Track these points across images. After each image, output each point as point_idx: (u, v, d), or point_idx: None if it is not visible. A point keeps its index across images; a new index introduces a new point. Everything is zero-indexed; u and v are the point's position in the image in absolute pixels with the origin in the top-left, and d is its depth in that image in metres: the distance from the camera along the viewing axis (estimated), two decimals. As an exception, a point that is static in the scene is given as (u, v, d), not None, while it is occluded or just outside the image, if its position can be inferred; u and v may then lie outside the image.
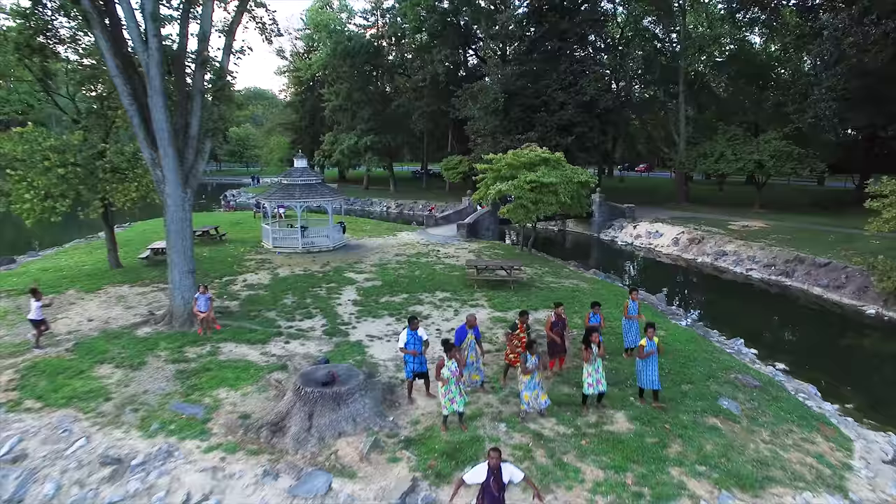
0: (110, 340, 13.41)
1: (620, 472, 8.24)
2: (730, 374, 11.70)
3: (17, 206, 17.34)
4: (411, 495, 7.80)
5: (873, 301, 18.83)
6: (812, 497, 7.91)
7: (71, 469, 8.78)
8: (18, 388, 11.06)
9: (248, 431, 9.44)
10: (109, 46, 12.93)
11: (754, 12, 40.50)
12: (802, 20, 35.35)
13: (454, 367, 8.86)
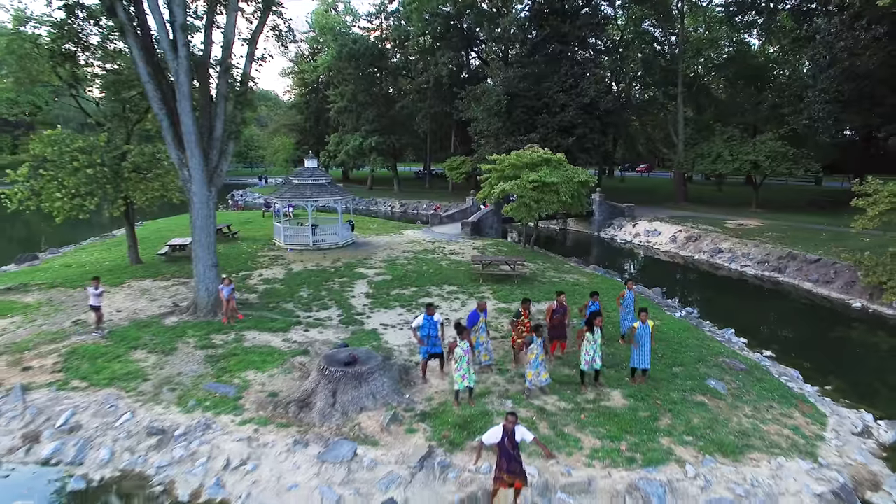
0: (140, 329, 14.37)
1: (615, 441, 9.18)
2: (718, 359, 12.64)
3: (47, 204, 18.32)
4: (428, 460, 8.75)
5: (859, 295, 19.75)
6: (785, 461, 8.86)
7: (121, 438, 9.76)
8: (64, 370, 12.04)
9: (278, 407, 10.39)
10: (142, 55, 13.90)
11: (752, 16, 41.48)
12: (797, 24, 36.27)
13: (466, 348, 9.82)
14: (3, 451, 9.61)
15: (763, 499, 8.06)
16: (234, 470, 8.88)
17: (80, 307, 16.45)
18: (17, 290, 18.16)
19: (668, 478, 8.36)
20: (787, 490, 8.28)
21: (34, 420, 10.31)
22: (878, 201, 17.79)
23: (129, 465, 9.21)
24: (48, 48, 16.72)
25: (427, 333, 10.81)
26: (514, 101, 39.64)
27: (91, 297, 13.82)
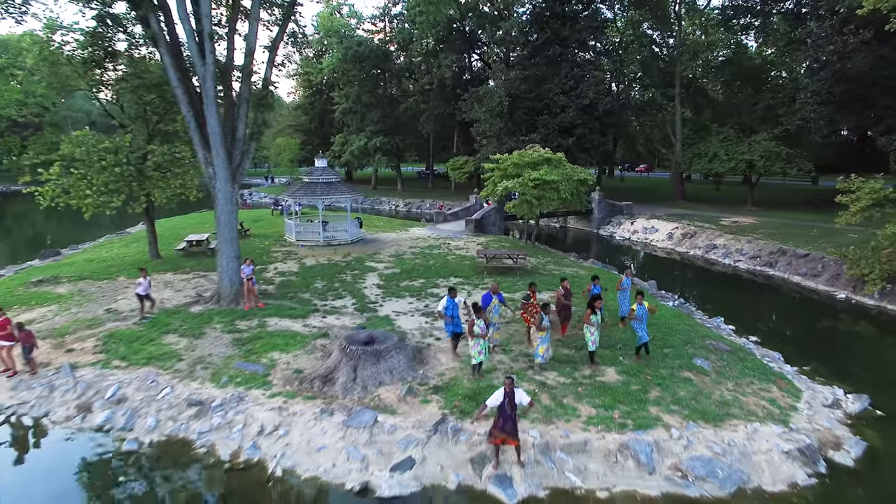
0: (170, 316, 15.46)
1: (609, 409, 10.25)
2: (705, 341, 13.70)
3: (76, 201, 19.41)
4: (442, 425, 9.82)
5: (844, 287, 20.79)
6: (760, 426, 9.93)
7: (164, 409, 10.85)
8: (104, 352, 13.14)
9: (303, 383, 11.48)
10: (171, 62, 15.00)
11: (748, 19, 42.53)
12: (790, 28, 37.29)
13: (483, 325, 10.92)
14: (62, 419, 10.73)
15: (737, 456, 9.13)
16: (267, 435, 9.97)
17: (110, 297, 17.60)
18: (48, 282, 19.27)
19: (655, 439, 9.43)
20: (760, 449, 9.35)
21: (85, 393, 11.42)
22: (860, 197, 18.85)
23: (173, 431, 10.31)
24: (81, 55, 17.80)
25: (451, 314, 11.94)
26: (516, 102, 40.71)
27: (139, 287, 14.96)
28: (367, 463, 9.10)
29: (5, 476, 9.25)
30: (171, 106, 21.54)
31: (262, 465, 9.29)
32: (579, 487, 8.65)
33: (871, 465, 9.37)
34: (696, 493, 8.52)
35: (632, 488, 8.64)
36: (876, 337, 17.15)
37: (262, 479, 8.96)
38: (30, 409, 11.16)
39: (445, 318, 12.19)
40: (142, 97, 21.01)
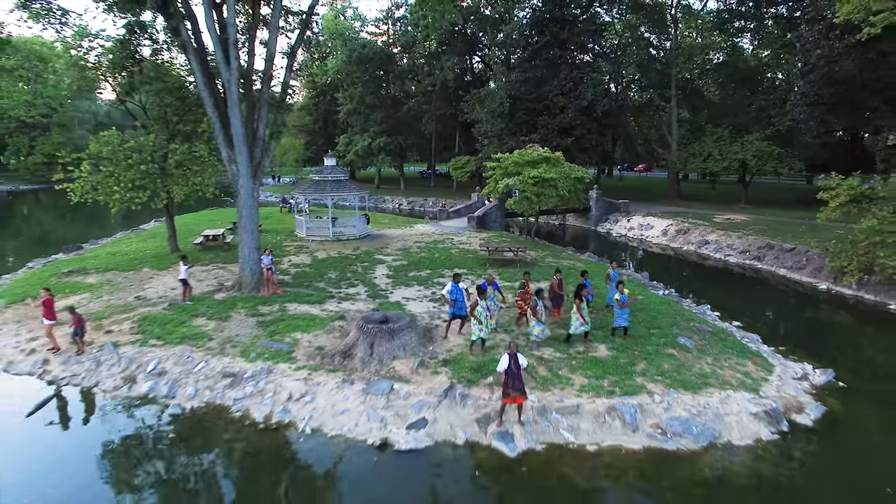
0: (196, 302, 16.72)
1: (599, 379, 11.50)
2: (690, 324, 14.95)
3: (103, 197, 20.68)
4: (450, 391, 11.08)
5: (826, 278, 22.03)
6: (733, 393, 11.19)
7: (201, 380, 12.12)
8: (140, 333, 14.42)
9: (325, 358, 12.74)
10: (199, 67, 16.27)
11: (742, 22, 43.83)
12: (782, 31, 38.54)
13: (484, 306, 12.18)
14: (111, 389, 12.01)
15: (711, 416, 10.39)
16: (296, 401, 11.23)
17: (137, 286, 18.87)
18: (77, 273, 20.53)
19: (639, 402, 10.69)
20: (731, 411, 10.61)
21: (129, 367, 12.70)
22: (839, 194, 20.09)
23: (211, 399, 11.58)
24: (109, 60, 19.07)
25: (454, 298, 13.20)
26: (517, 103, 41.96)
27: (182, 272, 16.35)
28: (386, 423, 10.36)
29: (72, 433, 10.53)
30: (189, 108, 22.86)
31: (293, 425, 10.55)
32: (572, 442, 9.90)
33: (827, 426, 10.63)
34: (673, 447, 9.78)
35: (617, 443, 9.89)
36: (850, 323, 18.40)
37: (294, 437, 10.22)
38: (81, 380, 12.44)
39: (449, 302, 13.44)
40: (163, 99, 22.26)
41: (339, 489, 8.90)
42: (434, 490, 8.90)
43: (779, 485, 8.94)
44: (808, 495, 8.78)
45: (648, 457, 9.56)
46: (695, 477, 9.11)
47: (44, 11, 15.80)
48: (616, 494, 8.78)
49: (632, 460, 9.48)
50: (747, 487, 8.88)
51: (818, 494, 8.83)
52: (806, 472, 9.34)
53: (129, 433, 10.45)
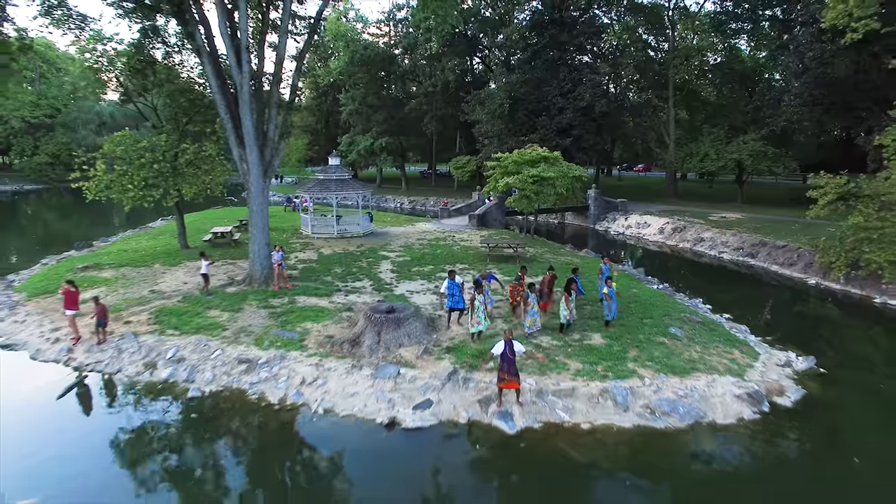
0: (209, 295, 17.44)
1: (594, 365, 12.23)
2: (681, 315, 15.69)
3: (117, 195, 21.43)
4: (454, 376, 11.81)
5: (815, 274, 22.76)
6: (718, 377, 11.93)
7: (218, 366, 12.86)
8: (157, 323, 15.13)
9: (334, 345, 13.46)
10: (212, 70, 17.01)
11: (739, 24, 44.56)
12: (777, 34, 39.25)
13: (482, 299, 12.91)
14: (133, 374, 12.75)
15: (697, 398, 11.13)
16: (308, 384, 11.96)
17: (151, 281, 19.58)
18: (92, 268, 21.25)
19: (631, 385, 11.43)
20: (716, 394, 11.35)
21: (149, 354, 13.44)
22: (827, 192, 20.84)
23: (228, 383, 12.31)
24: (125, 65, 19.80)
25: (451, 292, 13.92)
26: (516, 104, 42.68)
27: (203, 267, 17.22)
28: (394, 404, 11.10)
29: (99, 414, 11.27)
30: (198, 109, 23.55)
31: (307, 406, 11.29)
32: (567, 421, 10.63)
33: (805, 406, 11.37)
34: (661, 425, 10.51)
35: (610, 422, 10.62)
36: (835, 315, 19.14)
37: (308, 417, 10.95)
38: (105, 366, 13.17)
39: (442, 298, 14.14)
40: (174, 100, 22.99)
41: (351, 462, 9.62)
42: (439, 463, 9.62)
43: (756, 457, 9.67)
44: (783, 466, 9.50)
45: (638, 434, 10.29)
46: (680, 451, 9.84)
47: (64, 18, 16.51)
48: (607, 466, 9.49)
49: (622, 437, 10.22)
50: (727, 460, 9.61)
51: (792, 465, 9.56)
52: (782, 446, 10.08)
53: (153, 414, 11.19)
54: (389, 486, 9.00)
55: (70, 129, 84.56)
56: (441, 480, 9.24)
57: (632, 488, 8.92)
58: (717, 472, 9.37)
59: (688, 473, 9.37)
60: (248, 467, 9.64)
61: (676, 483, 9.15)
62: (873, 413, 11.66)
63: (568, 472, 9.32)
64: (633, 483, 9.02)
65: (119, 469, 9.40)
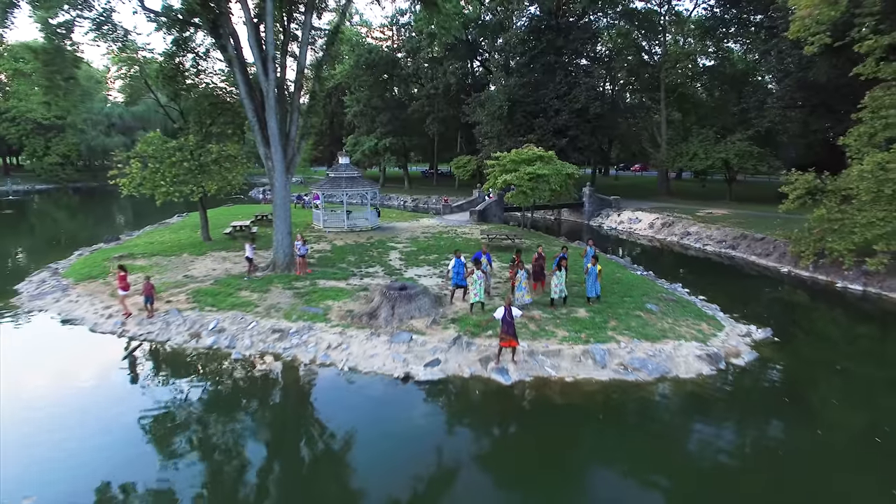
0: (237, 279, 19.50)
1: (578, 332, 14.26)
2: (659, 294, 17.73)
3: (148, 190, 23.46)
4: (458, 340, 13.85)
5: (788, 263, 24.80)
6: (684, 343, 13.97)
7: (255, 335, 14.90)
8: (195, 302, 17.17)
9: (354, 318, 15.51)
10: (242, 78, 19.07)
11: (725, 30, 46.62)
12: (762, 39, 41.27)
13: (479, 274, 14.98)
14: (181, 342, 14.80)
15: (664, 358, 13.18)
16: (334, 349, 14.01)
17: (182, 268, 21.62)
18: (127, 257, 23.29)
19: (608, 348, 13.47)
20: (680, 355, 13.39)
21: (193, 326, 15.49)
22: (797, 188, 22.88)
23: (264, 348, 14.35)
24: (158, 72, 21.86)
25: (456, 270, 16.00)
26: (515, 106, 44.75)
27: (248, 251, 19.35)
28: (408, 362, 13.14)
29: (160, 374, 13.32)
30: (221, 112, 25.59)
31: (334, 365, 13.33)
32: (554, 376, 12.67)
33: (756, 365, 13.42)
34: (632, 378, 12.55)
35: (589, 376, 12.65)
36: (800, 298, 21.19)
37: (335, 373, 13.00)
38: (155, 336, 15.22)
39: (446, 276, 16.23)
40: (199, 104, 25.03)
41: (373, 406, 11.64)
42: (446, 407, 11.66)
43: (707, 400, 11.71)
44: (729, 406, 11.54)
45: (612, 385, 12.32)
46: (646, 397, 11.88)
47: (110, 32, 18.53)
48: (585, 408, 11.52)
49: (599, 387, 12.25)
50: (684, 403, 11.65)
51: (736, 405, 11.60)
52: (730, 392, 12.12)
53: (204, 372, 13.24)
54: (405, 424, 10.98)
55: (80, 130, 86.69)
56: (447, 420, 11.25)
57: (604, 422, 10.96)
58: (674, 412, 11.41)
59: (651, 412, 11.40)
60: (291, 409, 11.68)
61: (640, 419, 11.17)
62: (809, 369, 13.72)
63: (552, 413, 11.34)
64: (605, 418, 11.06)
65: (180, 414, 11.44)
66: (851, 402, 12.22)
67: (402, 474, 9.18)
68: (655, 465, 9.51)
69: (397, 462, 9.57)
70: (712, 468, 9.52)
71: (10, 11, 14.96)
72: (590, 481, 9.33)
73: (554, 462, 9.66)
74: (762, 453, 9.88)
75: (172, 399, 11.85)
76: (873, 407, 12.00)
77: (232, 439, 10.34)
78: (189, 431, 10.56)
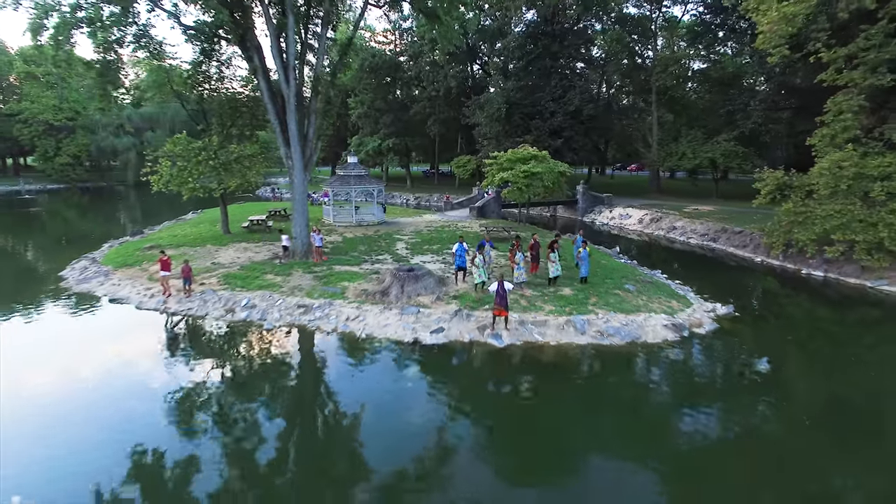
0: (262, 265, 21.73)
1: (564, 307, 16.48)
2: (637, 277, 19.96)
3: (175, 187, 25.70)
4: (459, 313, 16.07)
5: (762, 253, 27.02)
6: (654, 315, 16.20)
7: (282, 309, 17.14)
8: (227, 284, 19.41)
9: (368, 296, 17.73)
10: (265, 85, 21.32)
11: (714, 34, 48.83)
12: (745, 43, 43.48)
13: (481, 259, 17.23)
14: (217, 317, 17.05)
15: (635, 327, 15.40)
16: (352, 320, 16.24)
17: (209, 256, 23.80)
18: (156, 248, 25.48)
19: (588, 318, 15.70)
20: (650, 324, 15.62)
21: (227, 303, 17.73)
22: (768, 184, 25.10)
23: (291, 320, 16.59)
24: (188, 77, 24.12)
25: (459, 253, 18.26)
26: (512, 108, 47.00)
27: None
28: (416, 330, 15.37)
29: (201, 342, 15.56)
30: (240, 115, 27.84)
31: (353, 333, 15.56)
32: (541, 341, 14.89)
33: (714, 334, 15.67)
34: (607, 343, 14.77)
35: (571, 341, 14.87)
36: (767, 283, 23.40)
37: (353, 339, 15.23)
38: (195, 312, 17.46)
39: (456, 257, 18.50)
40: (221, 107, 27.28)
41: (388, 364, 13.86)
42: (449, 365, 13.88)
43: (668, 358, 13.94)
44: (685, 363, 13.77)
45: (590, 348, 14.55)
46: (617, 358, 14.10)
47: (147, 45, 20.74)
48: (565, 366, 13.74)
49: (578, 350, 14.47)
50: (648, 361, 13.88)
51: (691, 363, 13.83)
52: (691, 355, 14.35)
53: (242, 339, 15.49)
54: (415, 378, 13.20)
55: (90, 130, 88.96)
56: (450, 375, 13.46)
57: (580, 376, 13.19)
58: (639, 368, 13.64)
59: (619, 368, 13.62)
60: (321, 365, 13.92)
61: (610, 373, 13.38)
62: (760, 338, 15.91)
63: (538, 369, 13.56)
64: (581, 373, 13.29)
65: (237, 365, 13.67)
66: (791, 363, 14.45)
67: (414, 412, 11.41)
68: (619, 406, 11.76)
69: (411, 403, 11.80)
70: (664, 405, 11.76)
71: (72, 32, 17.18)
72: (564, 418, 11.53)
73: (537, 406, 11.89)
74: (704, 393, 12.11)
75: (219, 359, 14.09)
76: (805, 365, 14.23)
77: (279, 385, 12.58)
78: (243, 379, 12.80)
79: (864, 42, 22.04)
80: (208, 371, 13.26)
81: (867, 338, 16.71)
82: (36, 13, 16.57)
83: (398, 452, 9.79)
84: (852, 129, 22.54)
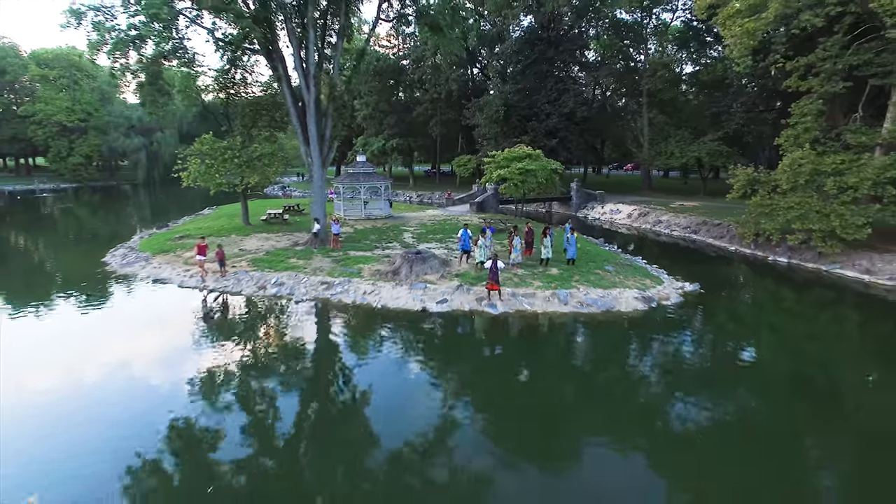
0: (283, 251, 24.40)
1: (550, 283, 19.15)
2: (617, 261, 22.62)
3: (203, 182, 28.37)
4: (460, 287, 18.74)
5: (736, 243, 29.66)
6: (628, 290, 18.86)
7: (308, 286, 19.81)
8: (255, 266, 22.09)
9: (381, 275, 20.40)
10: (288, 91, 24.00)
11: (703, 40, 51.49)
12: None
13: (482, 242, 19.92)
14: (251, 293, 19.72)
15: (611, 299, 18.07)
16: (369, 294, 18.91)
17: (235, 245, 26.46)
18: (185, 237, 28.20)
19: (570, 292, 18.37)
20: (623, 297, 18.28)
21: (259, 281, 20.41)
22: (739, 179, 27.75)
23: (316, 295, 19.25)
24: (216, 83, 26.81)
25: (464, 239, 20.96)
26: (510, 110, 49.67)
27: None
28: (424, 301, 18.03)
29: (240, 313, 18.23)
30: (259, 116, 30.51)
31: (369, 304, 18.23)
32: (529, 310, 17.55)
33: (679, 306, 18.33)
34: (586, 311, 17.43)
35: (555, 310, 17.53)
36: (737, 268, 26.03)
37: (370, 309, 17.89)
38: (230, 289, 20.14)
39: (460, 241, 21.19)
40: (244, 109, 29.98)
41: (401, 327, 16.52)
42: (452, 329, 16.54)
43: (637, 322, 16.61)
44: (650, 328, 16.43)
45: (571, 315, 17.21)
46: (594, 323, 16.76)
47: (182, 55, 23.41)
48: (551, 328, 16.39)
49: (562, 317, 17.13)
50: (620, 325, 16.55)
51: (656, 327, 16.49)
52: (657, 322, 17.01)
53: (275, 310, 18.17)
54: (424, 339, 15.85)
55: (102, 131, 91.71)
56: (453, 337, 16.12)
57: (563, 337, 15.87)
58: (612, 331, 16.30)
59: (596, 332, 16.27)
60: (346, 329, 16.59)
61: (587, 335, 16.03)
62: (719, 310, 18.57)
63: (527, 331, 16.22)
64: (563, 334, 15.97)
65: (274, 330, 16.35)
66: (742, 329, 17.12)
67: (425, 363, 14.08)
68: (595, 361, 14.43)
69: (422, 356, 14.46)
70: (630, 360, 14.43)
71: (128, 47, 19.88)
72: (548, 369, 14.17)
73: (526, 359, 14.55)
74: (662, 352, 14.79)
75: (256, 326, 16.79)
76: (750, 332, 16.90)
77: (312, 346, 15.27)
78: (280, 341, 15.49)
79: (822, 52, 24.72)
80: (257, 332, 15.94)
81: (813, 311, 19.39)
82: (97, 33, 19.26)
83: (413, 391, 12.47)
84: (812, 131, 25.19)
